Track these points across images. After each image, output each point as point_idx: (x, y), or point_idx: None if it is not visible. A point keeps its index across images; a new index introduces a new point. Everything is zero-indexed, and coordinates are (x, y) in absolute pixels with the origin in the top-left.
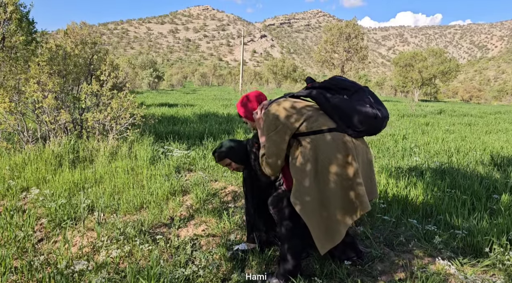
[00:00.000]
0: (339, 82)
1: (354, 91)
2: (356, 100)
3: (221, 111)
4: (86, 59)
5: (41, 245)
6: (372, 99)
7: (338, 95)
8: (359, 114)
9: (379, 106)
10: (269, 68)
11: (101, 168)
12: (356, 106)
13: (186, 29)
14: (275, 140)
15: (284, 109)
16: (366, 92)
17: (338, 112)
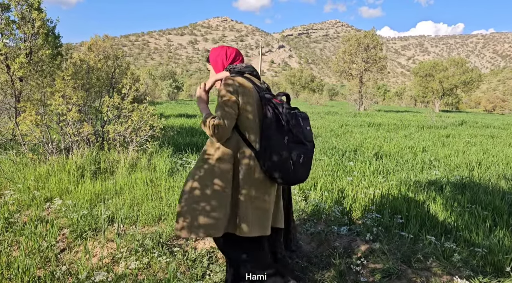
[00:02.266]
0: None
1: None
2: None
3: None
4: (108, 73)
5: (63, 255)
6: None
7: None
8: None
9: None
10: (287, 78)
11: (121, 180)
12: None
13: (205, 40)
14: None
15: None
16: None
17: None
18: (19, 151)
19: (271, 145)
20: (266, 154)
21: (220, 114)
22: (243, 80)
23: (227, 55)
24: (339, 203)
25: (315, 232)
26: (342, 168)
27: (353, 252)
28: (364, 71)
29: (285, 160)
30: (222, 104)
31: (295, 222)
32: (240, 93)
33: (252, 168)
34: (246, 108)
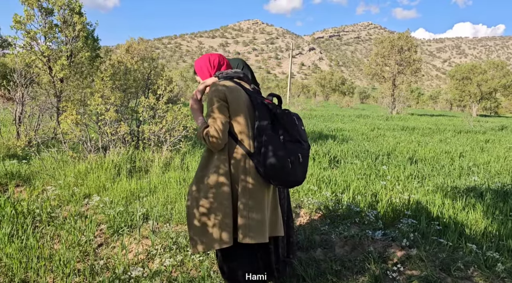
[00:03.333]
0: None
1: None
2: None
3: None
4: (144, 74)
5: (100, 250)
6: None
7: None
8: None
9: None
10: (317, 81)
11: (155, 178)
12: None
13: (236, 42)
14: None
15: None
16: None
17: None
18: (60, 149)
19: (268, 146)
20: (262, 155)
21: (211, 122)
22: (230, 83)
23: (210, 62)
24: (373, 207)
25: (349, 236)
26: (374, 172)
27: (388, 258)
28: (397, 74)
29: (283, 159)
30: (212, 111)
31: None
32: (228, 97)
33: (248, 172)
34: (236, 111)
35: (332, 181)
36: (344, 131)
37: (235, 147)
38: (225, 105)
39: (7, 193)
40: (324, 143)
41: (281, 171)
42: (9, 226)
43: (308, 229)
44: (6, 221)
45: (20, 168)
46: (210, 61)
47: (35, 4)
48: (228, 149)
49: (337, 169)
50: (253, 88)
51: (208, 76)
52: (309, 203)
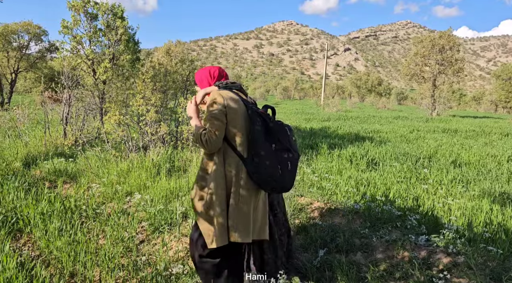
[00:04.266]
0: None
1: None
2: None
3: (304, 125)
4: (183, 76)
5: (142, 246)
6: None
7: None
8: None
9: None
10: (353, 82)
11: (193, 178)
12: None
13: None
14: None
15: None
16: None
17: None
18: (103, 148)
19: (260, 152)
20: (255, 161)
21: (209, 126)
22: (230, 93)
23: (211, 74)
24: (415, 211)
25: (391, 240)
26: (415, 175)
27: (433, 264)
28: (438, 74)
29: (273, 166)
30: (211, 116)
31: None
32: (227, 105)
33: (239, 176)
34: (233, 119)
35: (371, 184)
36: (382, 133)
37: (231, 152)
38: (223, 112)
39: (56, 190)
40: (361, 145)
41: (271, 177)
42: (59, 221)
43: (347, 232)
44: (56, 216)
45: (67, 166)
46: (210, 72)
47: (81, 9)
48: (224, 153)
49: (375, 172)
50: (249, 98)
51: (207, 85)
52: (347, 206)
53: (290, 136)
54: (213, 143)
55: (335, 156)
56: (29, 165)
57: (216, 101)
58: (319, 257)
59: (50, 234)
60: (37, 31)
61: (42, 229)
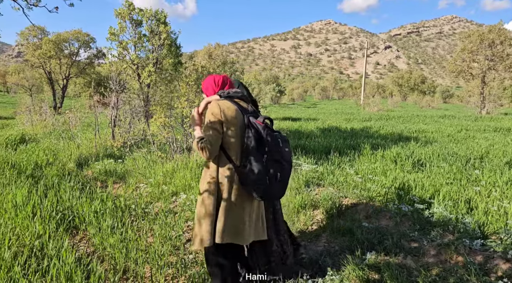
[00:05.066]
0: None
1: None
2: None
3: (344, 125)
4: None
5: (188, 245)
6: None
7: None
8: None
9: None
10: (394, 80)
11: None
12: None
13: (308, 44)
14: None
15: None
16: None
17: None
18: (149, 149)
19: (250, 162)
20: (245, 169)
21: (206, 136)
22: (228, 103)
23: (215, 82)
24: (467, 214)
25: (443, 244)
26: (466, 177)
27: (491, 270)
28: (487, 70)
29: (262, 176)
30: (208, 126)
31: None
32: (224, 115)
33: (232, 182)
34: (229, 128)
35: (419, 185)
36: (427, 132)
37: (225, 160)
38: (220, 121)
39: (107, 189)
40: (405, 145)
41: (258, 186)
42: (111, 219)
43: (396, 234)
44: (108, 214)
45: (116, 167)
46: (215, 81)
47: (127, 16)
48: (219, 161)
49: (422, 173)
50: (251, 108)
51: (212, 94)
52: (394, 207)
53: (283, 147)
54: (209, 151)
55: (379, 157)
56: (82, 166)
57: (214, 112)
58: (366, 259)
59: (103, 231)
60: (86, 39)
61: (96, 226)
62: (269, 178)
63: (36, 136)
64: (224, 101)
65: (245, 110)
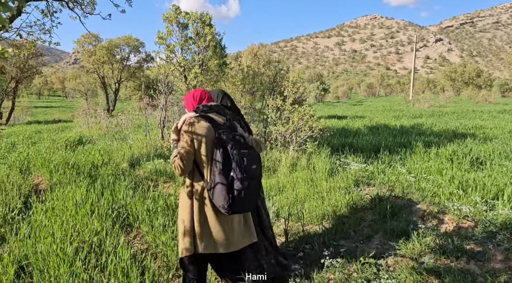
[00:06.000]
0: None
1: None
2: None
3: (393, 122)
4: (270, 77)
5: None
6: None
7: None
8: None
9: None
10: (446, 75)
11: (283, 178)
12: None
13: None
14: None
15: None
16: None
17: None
18: None
19: (215, 178)
20: (211, 186)
21: (178, 153)
22: (201, 120)
23: (194, 97)
24: None
25: (511, 248)
26: None
27: None
28: None
29: (226, 192)
30: (181, 143)
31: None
32: (195, 133)
33: (203, 196)
34: (200, 145)
35: (479, 185)
36: (485, 128)
37: (197, 175)
38: (192, 139)
39: (158, 188)
40: (461, 143)
41: (222, 202)
42: (163, 217)
43: (456, 237)
44: (160, 213)
45: (166, 167)
46: (193, 96)
47: (174, 20)
48: (193, 177)
49: (482, 172)
50: (225, 121)
51: (191, 108)
52: (454, 209)
53: (248, 165)
54: (181, 168)
55: (432, 155)
56: (134, 166)
57: (184, 130)
58: (425, 263)
59: (155, 229)
60: (135, 44)
61: (148, 224)
62: (232, 195)
63: (92, 138)
64: (196, 117)
65: (218, 126)
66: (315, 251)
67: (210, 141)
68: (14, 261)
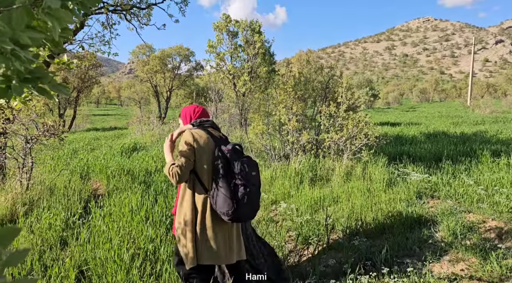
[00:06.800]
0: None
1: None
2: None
3: (452, 129)
4: (322, 83)
5: (291, 256)
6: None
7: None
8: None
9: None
10: (509, 78)
11: (337, 188)
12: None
13: (404, 44)
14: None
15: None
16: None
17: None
18: None
19: (218, 188)
20: (214, 194)
21: (178, 162)
22: (201, 132)
23: (194, 111)
24: None
25: None
26: None
27: None
28: None
29: (229, 199)
30: (181, 153)
31: None
32: (198, 143)
33: (205, 207)
34: (202, 156)
35: None
36: None
37: (198, 185)
38: (192, 150)
39: None
40: None
41: (225, 209)
42: None
43: None
44: None
45: None
46: (194, 110)
47: (224, 29)
48: (194, 186)
49: None
50: (220, 135)
51: (189, 121)
52: None
53: (249, 172)
54: (179, 177)
55: (503, 165)
56: None
57: (187, 140)
58: None
59: None
60: (186, 53)
61: None
62: (236, 201)
63: (146, 144)
64: (197, 130)
65: (216, 138)
66: (377, 268)
67: (210, 151)
68: (74, 265)
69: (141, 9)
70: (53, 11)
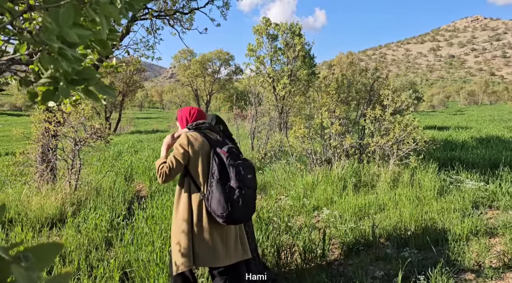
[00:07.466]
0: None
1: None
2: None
3: (507, 134)
4: (366, 85)
5: (334, 266)
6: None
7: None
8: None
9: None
10: None
11: (383, 194)
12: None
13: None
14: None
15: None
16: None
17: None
18: (288, 161)
19: (213, 191)
20: (209, 196)
21: (168, 163)
22: (197, 134)
23: (190, 113)
24: None
25: None
26: None
27: None
28: None
29: (224, 202)
30: (173, 155)
31: None
32: (191, 146)
33: (201, 208)
34: (196, 158)
35: None
36: None
37: (193, 187)
38: (185, 153)
39: None
40: None
41: (220, 212)
42: (257, 231)
43: None
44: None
45: (257, 178)
46: (190, 112)
47: (264, 32)
48: (189, 188)
49: None
50: (217, 138)
51: (185, 123)
52: None
53: (245, 175)
54: (165, 177)
55: None
56: None
57: (182, 143)
58: None
59: None
60: (226, 57)
61: None
62: (231, 203)
63: None
64: (193, 132)
65: (212, 141)
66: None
67: (206, 154)
68: (119, 266)
69: (184, 14)
70: (101, 6)
